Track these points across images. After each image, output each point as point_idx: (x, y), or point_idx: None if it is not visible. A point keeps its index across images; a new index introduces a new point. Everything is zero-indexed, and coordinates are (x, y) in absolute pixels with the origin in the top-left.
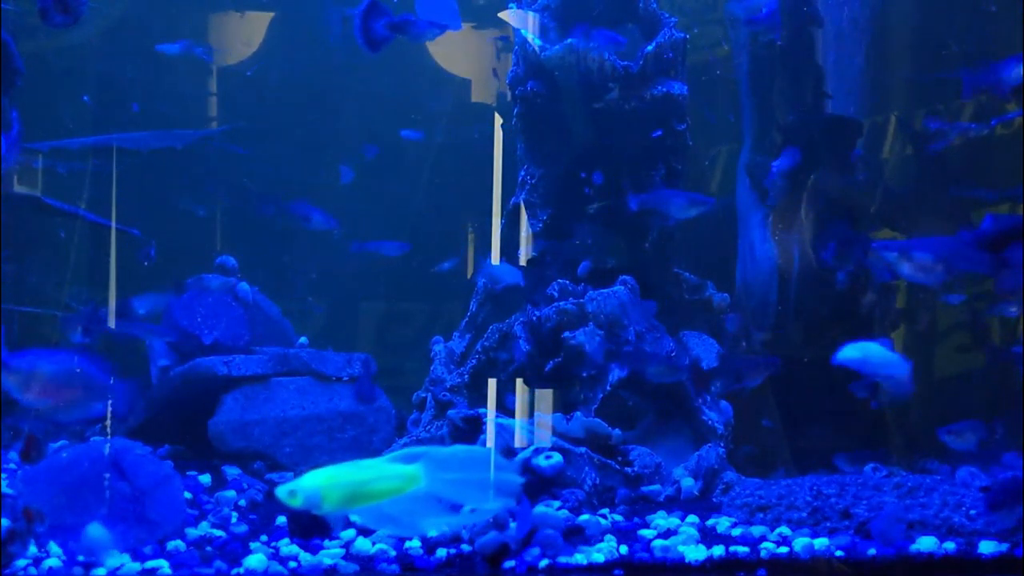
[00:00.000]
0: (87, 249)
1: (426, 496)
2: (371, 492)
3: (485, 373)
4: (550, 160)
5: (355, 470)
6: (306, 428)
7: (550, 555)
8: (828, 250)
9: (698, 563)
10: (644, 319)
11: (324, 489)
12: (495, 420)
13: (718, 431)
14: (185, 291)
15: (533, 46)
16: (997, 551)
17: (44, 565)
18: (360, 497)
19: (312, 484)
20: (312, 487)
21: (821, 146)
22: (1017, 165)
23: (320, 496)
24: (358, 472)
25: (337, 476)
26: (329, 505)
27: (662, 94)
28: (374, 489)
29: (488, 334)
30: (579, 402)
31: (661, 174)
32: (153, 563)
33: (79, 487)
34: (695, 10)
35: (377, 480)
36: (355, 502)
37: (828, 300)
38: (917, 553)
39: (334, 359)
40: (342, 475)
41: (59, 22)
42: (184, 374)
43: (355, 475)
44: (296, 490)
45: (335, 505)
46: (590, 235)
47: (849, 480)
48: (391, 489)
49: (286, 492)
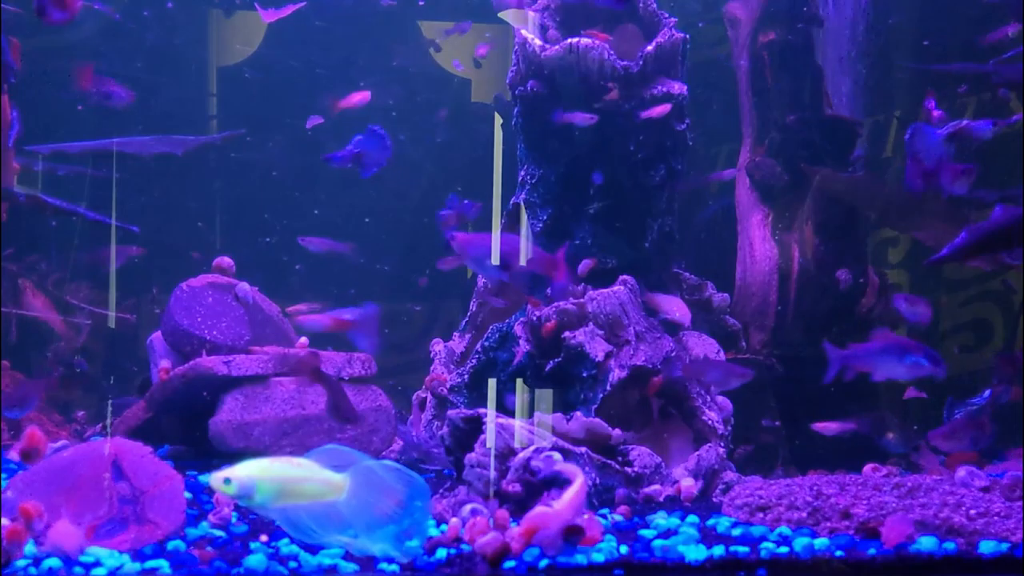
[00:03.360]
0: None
1: (343, 508)
2: (299, 492)
3: (485, 373)
4: (550, 160)
5: (288, 467)
6: (306, 428)
7: (550, 555)
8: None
9: (698, 563)
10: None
11: (259, 481)
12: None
13: (718, 431)
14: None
15: (533, 46)
16: (997, 551)
17: (44, 565)
18: (288, 495)
19: (247, 474)
20: (247, 477)
21: (821, 146)
22: (1017, 165)
23: (255, 487)
24: (291, 470)
25: (271, 470)
26: (261, 497)
27: (662, 94)
28: (302, 489)
29: (488, 334)
30: (579, 402)
31: (661, 174)
32: (153, 563)
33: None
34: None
35: (307, 481)
36: (283, 499)
37: (827, 300)
38: (917, 553)
39: (334, 359)
40: (276, 470)
41: (56, 18)
42: (184, 374)
43: (288, 472)
44: (232, 479)
45: (266, 498)
46: (590, 235)
47: (849, 480)
48: (316, 493)
49: (220, 480)
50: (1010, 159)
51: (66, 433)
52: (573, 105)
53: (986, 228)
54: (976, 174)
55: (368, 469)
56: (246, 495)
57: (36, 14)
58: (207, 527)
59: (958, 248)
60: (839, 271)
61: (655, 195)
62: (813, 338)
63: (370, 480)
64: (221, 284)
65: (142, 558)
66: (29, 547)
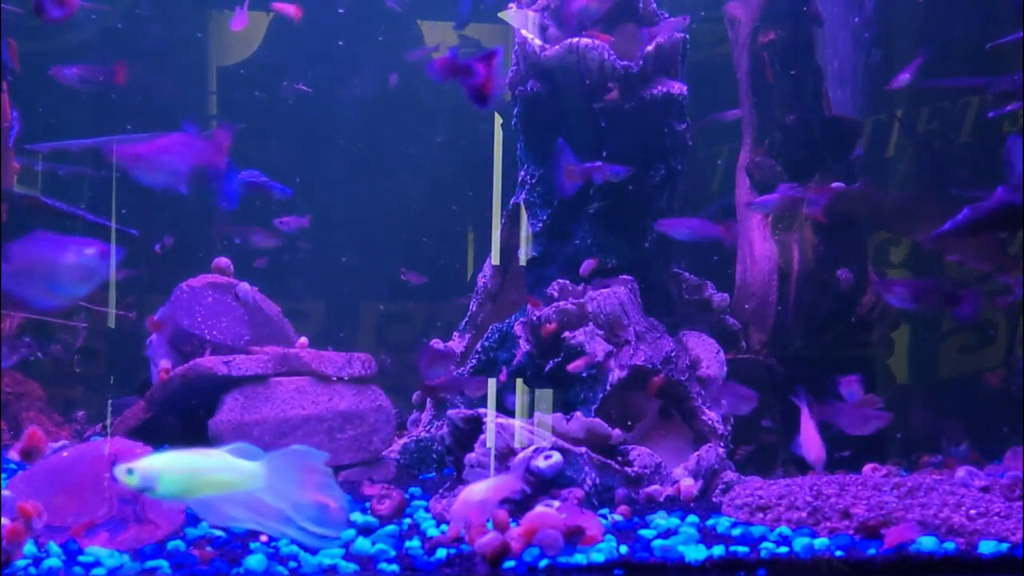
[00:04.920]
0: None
1: (264, 497)
2: (208, 482)
3: (485, 373)
4: (550, 160)
5: (195, 459)
6: (306, 428)
7: (550, 555)
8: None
9: (698, 563)
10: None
11: (162, 472)
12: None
13: (718, 431)
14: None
15: (533, 46)
16: (997, 551)
17: (44, 565)
18: (197, 486)
19: (150, 465)
20: (150, 468)
21: (821, 146)
22: None
23: (157, 478)
24: (198, 461)
25: (175, 461)
26: (164, 489)
27: (662, 94)
28: (212, 480)
29: (488, 334)
30: (579, 402)
31: (661, 174)
32: (153, 563)
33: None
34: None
35: (216, 471)
36: (191, 491)
37: (827, 300)
38: (917, 553)
39: (334, 359)
40: (180, 461)
41: (55, 15)
42: (184, 374)
43: (195, 463)
44: (134, 470)
45: (170, 490)
46: (590, 235)
47: (849, 480)
48: (228, 483)
49: (123, 471)
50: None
51: (66, 433)
52: (573, 105)
53: (987, 206)
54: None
55: (284, 456)
56: (149, 486)
57: (35, 12)
58: (207, 527)
59: (960, 224)
60: (839, 271)
61: (655, 195)
62: (813, 338)
63: (288, 467)
64: (221, 284)
65: (142, 558)
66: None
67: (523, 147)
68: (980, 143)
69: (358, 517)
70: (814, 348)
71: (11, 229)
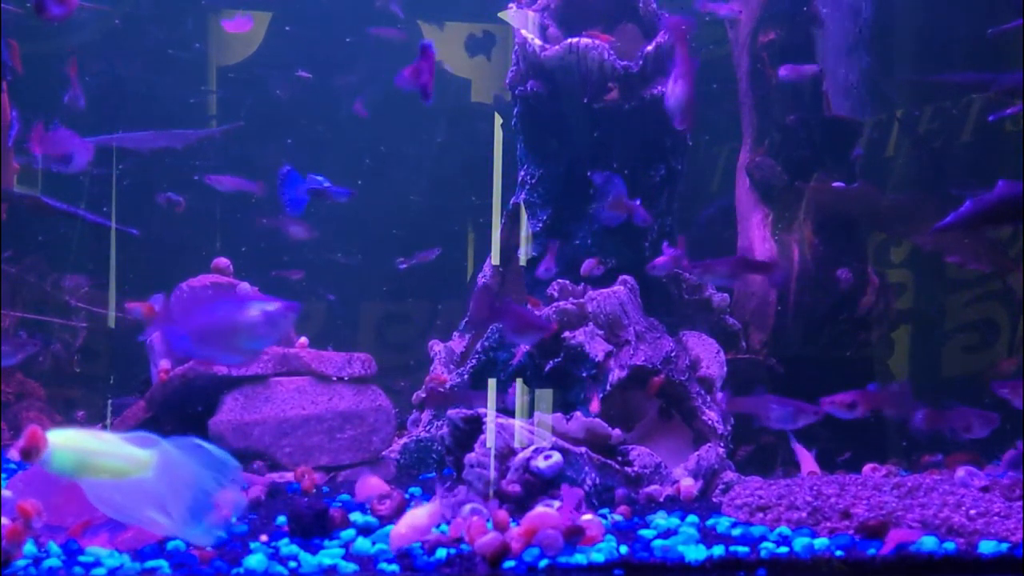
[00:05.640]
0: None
1: (151, 487)
2: (98, 466)
3: (485, 373)
4: (550, 160)
5: (88, 439)
6: (306, 428)
7: (550, 555)
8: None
9: (698, 563)
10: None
11: (55, 448)
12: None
13: (718, 431)
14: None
15: (533, 46)
16: (997, 551)
17: (44, 565)
18: (87, 468)
19: (51, 439)
20: (49, 442)
21: (821, 146)
22: (1017, 165)
23: (51, 454)
24: (90, 442)
25: (69, 438)
26: (57, 466)
27: (662, 94)
28: (101, 464)
29: (488, 334)
30: (579, 402)
31: (661, 174)
32: (153, 563)
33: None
34: None
35: (106, 456)
36: (81, 471)
37: (827, 300)
38: (917, 553)
39: (334, 359)
40: (74, 439)
41: (55, 13)
42: (184, 374)
43: (87, 443)
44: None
45: (62, 468)
46: (590, 235)
47: (849, 480)
48: (118, 469)
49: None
50: (1010, 159)
51: None
52: (573, 105)
53: (989, 199)
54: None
55: (177, 448)
56: (45, 460)
57: (34, 10)
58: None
59: (962, 216)
60: (839, 271)
61: (655, 195)
62: (813, 338)
63: (178, 460)
64: (222, 284)
65: (142, 558)
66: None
67: (523, 147)
68: (981, 143)
69: (358, 517)
70: (814, 348)
71: (11, 229)
